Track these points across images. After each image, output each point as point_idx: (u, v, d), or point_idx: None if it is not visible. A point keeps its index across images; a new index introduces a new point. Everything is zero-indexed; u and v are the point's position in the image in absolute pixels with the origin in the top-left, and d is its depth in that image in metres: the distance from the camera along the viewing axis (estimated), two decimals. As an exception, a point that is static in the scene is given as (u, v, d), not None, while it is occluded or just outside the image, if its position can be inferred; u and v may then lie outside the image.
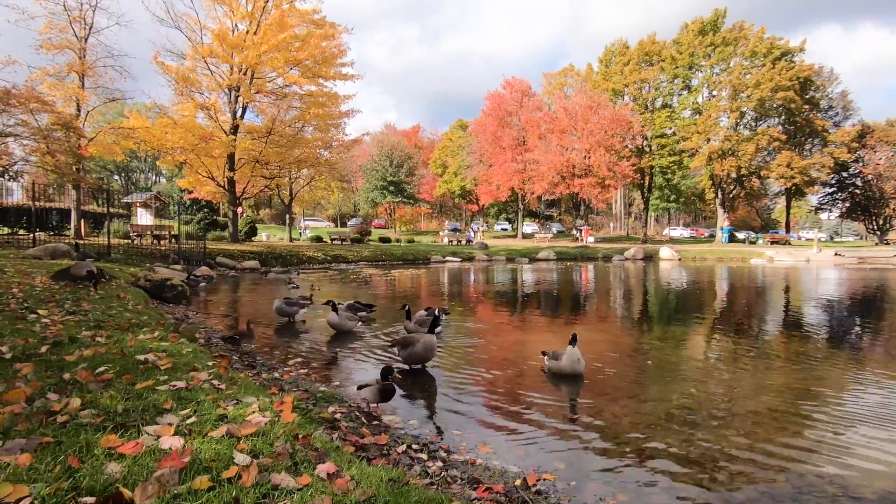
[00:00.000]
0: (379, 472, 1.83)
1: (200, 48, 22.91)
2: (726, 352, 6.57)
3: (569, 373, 4.88)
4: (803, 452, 3.33)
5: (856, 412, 4.16)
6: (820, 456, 3.30)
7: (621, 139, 45.07)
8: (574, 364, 4.82)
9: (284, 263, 21.92)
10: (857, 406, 4.31)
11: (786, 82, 42.36)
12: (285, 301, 7.93)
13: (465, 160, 56.36)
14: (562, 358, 4.87)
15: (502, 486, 2.57)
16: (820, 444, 3.49)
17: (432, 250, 31.29)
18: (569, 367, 4.84)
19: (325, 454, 1.90)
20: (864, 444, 3.52)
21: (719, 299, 13.08)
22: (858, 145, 49.06)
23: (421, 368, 5.22)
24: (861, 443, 3.53)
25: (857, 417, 4.04)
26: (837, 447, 3.45)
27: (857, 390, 4.78)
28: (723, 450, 3.36)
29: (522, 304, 11.48)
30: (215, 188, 26.75)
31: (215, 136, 24.14)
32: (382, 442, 3.02)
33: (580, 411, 4.12)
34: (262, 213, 78.95)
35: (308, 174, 34.26)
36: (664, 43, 50.88)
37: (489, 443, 3.36)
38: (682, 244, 45.50)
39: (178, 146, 23.45)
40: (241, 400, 2.47)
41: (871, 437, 3.61)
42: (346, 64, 26.31)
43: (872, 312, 10.71)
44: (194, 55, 23.35)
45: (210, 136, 23.97)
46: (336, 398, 3.97)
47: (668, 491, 2.81)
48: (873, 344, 7.31)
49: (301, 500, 1.51)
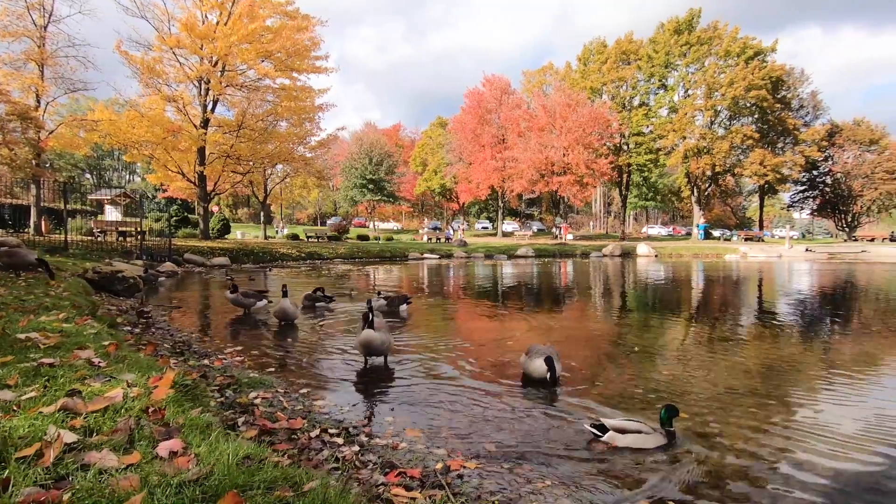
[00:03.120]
0: (236, 450, 1.54)
1: (168, 38, 22.17)
2: (695, 339, 6.42)
3: (536, 379, 4.34)
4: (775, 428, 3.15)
5: (816, 393, 4.01)
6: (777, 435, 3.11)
7: (599, 137, 45.31)
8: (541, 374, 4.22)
9: (257, 261, 21.39)
10: (819, 387, 4.17)
11: (758, 81, 43.08)
12: (242, 292, 7.56)
13: (445, 158, 56.09)
14: (535, 361, 4.26)
15: (419, 471, 2.30)
16: (779, 423, 3.30)
17: (411, 247, 30.96)
18: (536, 375, 4.28)
19: (175, 431, 1.61)
20: (819, 424, 3.35)
21: (692, 292, 13.07)
22: (828, 144, 50.23)
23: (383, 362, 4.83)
24: (816, 423, 3.36)
25: (818, 399, 3.89)
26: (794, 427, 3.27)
27: (822, 374, 4.65)
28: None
29: (492, 297, 11.25)
30: (186, 184, 25.98)
31: (184, 130, 23.41)
32: (297, 426, 2.73)
33: (532, 398, 3.88)
34: (240, 213, 77.60)
35: (283, 170, 33.63)
36: (641, 42, 51.35)
37: (421, 427, 3.09)
38: (659, 241, 45.96)
39: (144, 140, 22.66)
40: (116, 377, 2.16)
41: (824, 417, 3.45)
42: (321, 57, 25.81)
43: (837, 303, 10.81)
44: (161, 46, 22.58)
45: (179, 129, 23.24)
46: (264, 384, 3.66)
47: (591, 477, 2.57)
48: (836, 331, 7.27)
49: (96, 479, 1.21)
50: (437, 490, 2.13)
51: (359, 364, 4.73)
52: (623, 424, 2.96)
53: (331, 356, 5.08)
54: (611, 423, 2.97)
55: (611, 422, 2.98)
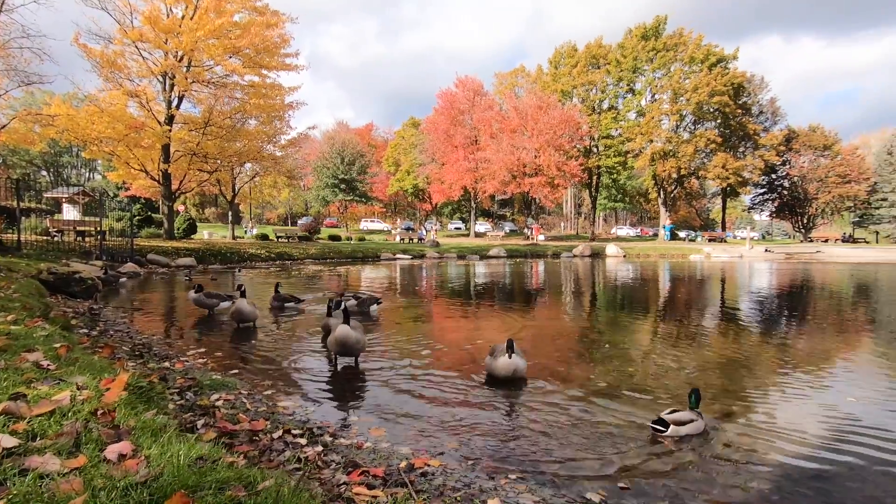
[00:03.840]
0: (189, 451, 1.51)
1: (130, 32, 21.40)
2: (663, 336, 6.60)
3: (501, 378, 4.28)
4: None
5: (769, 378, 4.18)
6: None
7: (570, 139, 46.03)
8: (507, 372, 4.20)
9: (224, 261, 20.89)
10: (773, 372, 4.34)
11: (721, 87, 44.60)
12: (205, 294, 7.36)
13: (418, 158, 55.99)
14: (498, 360, 4.23)
15: (382, 470, 2.30)
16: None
17: (383, 248, 30.78)
18: (502, 373, 4.24)
19: (125, 433, 1.56)
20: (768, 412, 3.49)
21: (659, 291, 13.42)
22: (785, 149, 52.47)
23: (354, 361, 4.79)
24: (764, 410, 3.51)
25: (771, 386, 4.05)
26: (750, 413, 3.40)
27: (779, 369, 4.85)
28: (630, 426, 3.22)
29: (464, 297, 11.30)
30: (150, 183, 25.15)
31: (148, 126, 22.65)
32: (259, 427, 2.68)
33: (498, 396, 3.91)
34: (207, 212, 75.60)
35: (252, 169, 32.93)
36: (610, 47, 52.45)
37: (386, 426, 3.09)
38: (627, 242, 47.04)
39: (105, 136, 21.82)
40: (65, 380, 2.08)
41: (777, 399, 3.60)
42: (291, 54, 25.36)
43: (794, 301, 11.29)
44: (122, 39, 21.78)
45: (142, 126, 22.46)
46: (227, 386, 3.58)
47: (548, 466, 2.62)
48: (792, 328, 7.59)
49: (35, 483, 1.17)
50: (400, 488, 2.13)
51: (327, 364, 4.68)
52: (678, 417, 3.07)
53: (297, 357, 5.01)
54: (669, 417, 3.06)
55: (669, 417, 3.07)
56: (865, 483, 2.51)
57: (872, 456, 2.82)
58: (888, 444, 2.99)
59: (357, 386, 4.11)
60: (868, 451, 2.87)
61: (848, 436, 3.11)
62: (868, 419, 3.39)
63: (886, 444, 2.97)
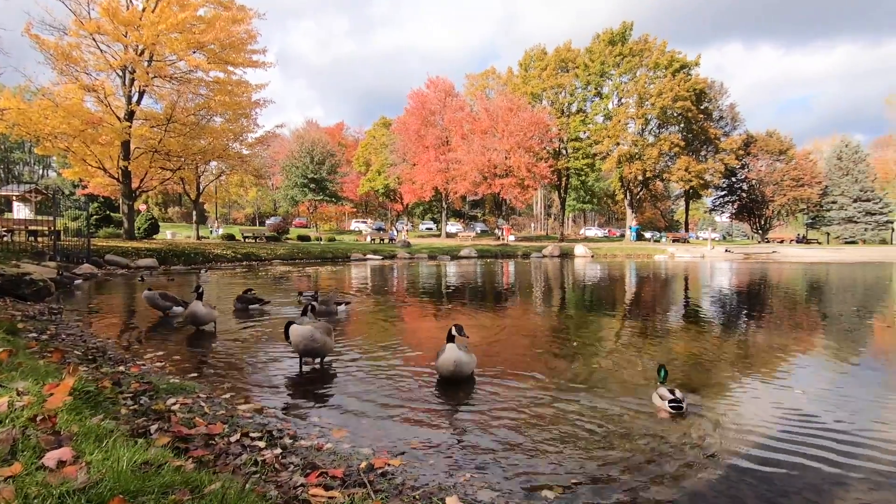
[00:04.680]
0: (133, 456, 1.47)
1: (86, 23, 20.53)
2: (629, 333, 6.76)
3: (447, 376, 4.07)
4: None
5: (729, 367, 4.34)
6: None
7: (539, 141, 46.66)
8: (450, 366, 3.98)
9: (188, 262, 20.27)
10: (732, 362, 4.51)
11: (684, 93, 46.08)
12: (160, 294, 7.13)
13: (389, 158, 55.71)
14: (439, 359, 4.05)
15: (342, 471, 2.29)
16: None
17: (353, 248, 30.49)
18: (445, 368, 4.03)
19: (66, 439, 1.51)
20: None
21: (625, 290, 13.75)
22: (744, 153, 54.61)
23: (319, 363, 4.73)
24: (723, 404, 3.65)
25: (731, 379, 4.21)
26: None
27: (737, 364, 5.04)
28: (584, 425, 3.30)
29: (434, 297, 11.31)
30: (108, 180, 24.20)
31: (106, 122, 21.78)
32: (216, 431, 2.63)
33: (461, 394, 3.94)
34: (170, 212, 73.30)
35: (218, 168, 32.11)
36: (578, 51, 53.43)
37: (349, 427, 3.07)
38: (595, 242, 48.00)
39: (59, 131, 20.87)
40: (6, 385, 1.99)
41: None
42: (258, 51, 24.82)
43: (751, 299, 11.78)
44: (78, 31, 20.88)
45: (99, 121, 21.59)
46: (184, 390, 3.49)
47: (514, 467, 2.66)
48: (749, 321, 7.91)
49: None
50: (359, 488, 2.12)
51: (290, 366, 4.61)
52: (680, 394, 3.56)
53: (259, 359, 4.92)
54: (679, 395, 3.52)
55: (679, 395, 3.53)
56: (807, 472, 2.64)
57: (817, 446, 2.97)
58: (833, 434, 3.15)
59: (321, 387, 4.07)
60: (814, 442, 3.02)
61: (796, 428, 3.26)
62: (816, 412, 3.57)
63: (831, 435, 3.13)
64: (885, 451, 2.89)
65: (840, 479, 2.56)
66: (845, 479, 2.56)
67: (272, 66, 25.20)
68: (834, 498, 2.39)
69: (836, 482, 2.53)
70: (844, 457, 2.80)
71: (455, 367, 3.98)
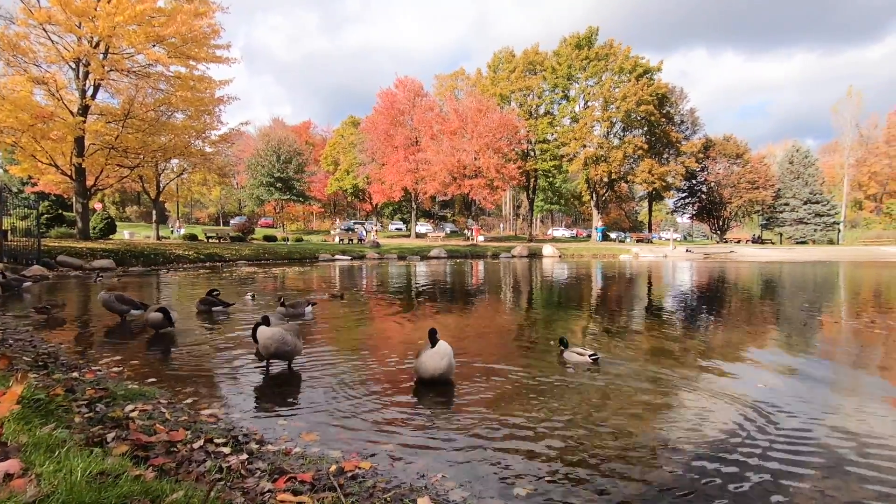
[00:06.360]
0: (88, 466, 1.40)
1: (36, 12, 19.48)
2: (596, 330, 6.88)
3: (427, 378, 4.02)
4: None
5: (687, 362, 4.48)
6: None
7: (508, 143, 47.13)
8: (433, 369, 3.94)
9: (148, 263, 19.51)
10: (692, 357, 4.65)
11: (647, 97, 47.44)
12: (117, 297, 6.83)
13: (358, 158, 55.17)
14: (420, 356, 4.01)
15: (311, 475, 2.24)
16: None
17: (321, 249, 30.03)
18: (426, 370, 3.98)
19: (14, 451, 1.42)
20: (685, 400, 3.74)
21: (592, 289, 14.03)
22: (703, 156, 56.70)
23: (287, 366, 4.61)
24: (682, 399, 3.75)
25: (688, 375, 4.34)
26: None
27: (698, 361, 5.20)
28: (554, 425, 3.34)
29: (404, 298, 11.25)
30: (61, 178, 23.04)
31: (58, 117, 20.72)
32: (178, 438, 2.53)
33: (431, 393, 3.92)
34: (128, 211, 70.48)
35: (179, 166, 31.06)
36: (546, 54, 54.27)
37: (318, 430, 3.01)
38: (563, 242, 48.85)
39: (5, 126, 19.72)
40: (-55, 395, 1.85)
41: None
42: (222, 46, 24.13)
43: (710, 297, 12.22)
44: (27, 20, 19.79)
45: (50, 116, 20.51)
46: (144, 396, 3.35)
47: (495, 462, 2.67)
48: (709, 318, 8.20)
49: None
50: (329, 492, 2.08)
51: (256, 370, 4.49)
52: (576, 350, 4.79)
53: (223, 363, 4.77)
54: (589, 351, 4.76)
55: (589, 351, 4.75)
56: (768, 461, 2.75)
57: (775, 439, 3.09)
58: (791, 428, 3.29)
59: (289, 391, 3.98)
60: (772, 434, 3.15)
61: (756, 420, 3.39)
62: (775, 402, 3.72)
63: (789, 429, 3.28)
64: (837, 439, 3.04)
65: (795, 466, 2.68)
66: (801, 465, 2.68)
67: (237, 61, 24.57)
68: (790, 486, 2.49)
69: (787, 473, 2.64)
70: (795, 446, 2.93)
71: (447, 369, 3.95)
